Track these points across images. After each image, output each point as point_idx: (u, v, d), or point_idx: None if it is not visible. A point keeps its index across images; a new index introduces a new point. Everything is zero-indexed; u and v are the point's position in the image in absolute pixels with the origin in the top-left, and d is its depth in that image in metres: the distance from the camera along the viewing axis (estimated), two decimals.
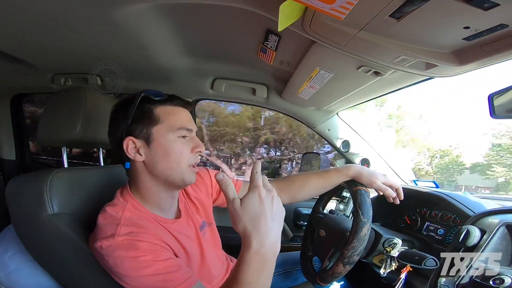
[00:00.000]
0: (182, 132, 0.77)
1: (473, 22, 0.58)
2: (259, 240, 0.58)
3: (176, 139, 0.76)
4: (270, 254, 0.60)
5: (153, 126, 0.76)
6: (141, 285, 0.66)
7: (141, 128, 0.75)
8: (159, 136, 0.76)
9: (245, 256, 0.59)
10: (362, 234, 0.81)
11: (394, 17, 0.62)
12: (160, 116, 0.76)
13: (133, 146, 0.75)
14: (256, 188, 0.61)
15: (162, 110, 0.77)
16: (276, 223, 0.61)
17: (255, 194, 0.60)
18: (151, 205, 0.78)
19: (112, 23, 0.94)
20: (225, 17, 0.98)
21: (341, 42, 0.78)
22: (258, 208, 0.59)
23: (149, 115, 0.76)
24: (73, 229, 0.77)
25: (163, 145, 0.75)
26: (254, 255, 0.59)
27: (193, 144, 0.79)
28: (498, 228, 0.77)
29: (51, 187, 0.77)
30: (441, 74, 0.80)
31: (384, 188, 0.94)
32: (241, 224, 0.60)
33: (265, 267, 0.60)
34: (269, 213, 0.60)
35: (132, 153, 0.75)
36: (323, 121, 1.66)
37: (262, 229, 0.59)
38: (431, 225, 1.06)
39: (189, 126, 0.78)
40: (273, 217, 0.60)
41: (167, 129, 0.76)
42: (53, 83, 1.66)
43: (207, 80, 1.62)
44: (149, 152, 0.76)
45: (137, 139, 0.75)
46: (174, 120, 0.77)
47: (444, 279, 0.78)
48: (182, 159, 0.77)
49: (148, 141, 0.76)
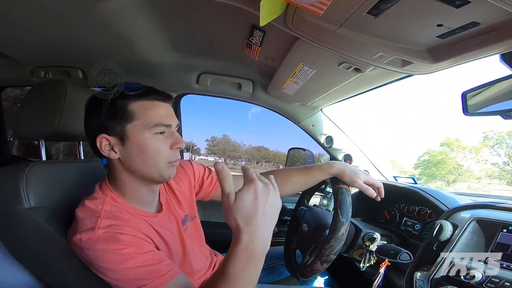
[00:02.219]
0: (159, 128, 0.73)
1: (445, 19, 0.60)
2: (249, 236, 0.57)
3: (152, 136, 0.73)
4: (259, 251, 0.59)
5: (127, 123, 0.72)
6: (123, 278, 0.65)
7: (114, 125, 0.72)
8: (134, 134, 0.72)
9: (234, 251, 0.58)
10: (340, 234, 0.82)
11: (371, 14, 0.64)
12: (135, 112, 0.72)
13: (107, 143, 0.73)
14: (252, 183, 0.58)
15: (137, 106, 0.73)
16: (269, 219, 0.59)
17: (250, 190, 0.57)
18: (131, 199, 0.77)
19: (95, 16, 0.92)
20: (210, 12, 0.97)
21: (322, 38, 0.79)
22: (252, 205, 0.57)
23: (122, 111, 0.72)
24: (50, 223, 0.75)
25: (138, 143, 0.72)
26: (243, 251, 0.57)
27: (172, 140, 0.76)
28: (469, 223, 0.79)
29: (28, 180, 0.75)
30: (417, 71, 0.83)
31: (365, 188, 0.95)
32: (233, 219, 0.58)
33: (253, 263, 0.59)
34: (262, 209, 0.57)
35: (106, 151, 0.73)
36: (307, 117, 1.68)
37: (254, 226, 0.57)
38: (408, 220, 1.09)
39: (167, 122, 0.75)
40: (266, 213, 0.58)
41: (143, 126, 0.72)
42: (33, 76, 1.61)
43: (192, 74, 1.61)
44: (124, 150, 0.73)
45: (111, 136, 0.72)
46: (151, 116, 0.73)
47: (420, 274, 0.81)
48: (159, 156, 0.74)
49: (122, 138, 0.72)
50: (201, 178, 1.01)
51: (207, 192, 1.03)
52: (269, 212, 0.59)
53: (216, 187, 1.03)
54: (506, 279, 0.64)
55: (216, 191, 1.03)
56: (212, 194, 1.04)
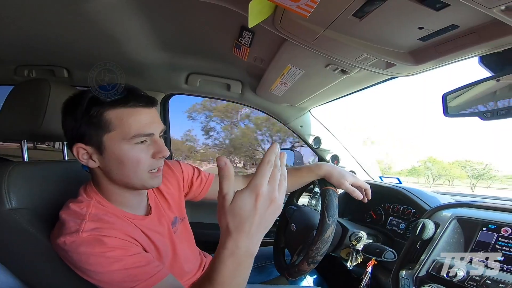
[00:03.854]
0: (138, 139, 0.68)
1: (426, 22, 0.62)
2: (236, 241, 0.52)
3: (131, 147, 0.68)
4: (245, 257, 0.53)
5: (104, 134, 0.67)
6: (109, 280, 0.64)
7: (90, 134, 0.67)
8: (110, 145, 0.67)
9: (220, 255, 0.53)
10: (326, 236, 0.83)
11: (357, 16, 0.65)
12: (112, 121, 0.66)
13: (84, 152, 0.69)
14: (255, 189, 0.50)
15: (114, 115, 0.67)
16: (263, 228, 0.52)
17: (252, 195, 0.50)
18: (117, 203, 0.75)
19: (81, 14, 0.91)
20: (200, 12, 0.97)
21: (309, 39, 0.80)
22: (248, 212, 0.50)
23: (98, 120, 0.66)
24: (33, 224, 0.73)
25: (116, 155, 0.68)
26: (229, 256, 0.53)
27: (154, 150, 0.71)
28: (450, 221, 0.81)
29: (10, 181, 0.74)
30: (400, 74, 0.85)
31: (352, 190, 0.97)
32: (225, 221, 0.51)
33: (239, 269, 0.54)
34: (258, 219, 0.50)
35: (84, 159, 0.69)
36: (296, 118, 1.69)
37: (244, 232, 0.51)
38: (394, 220, 1.11)
39: (148, 131, 0.69)
40: (261, 223, 0.51)
41: (120, 138, 0.67)
42: (16, 75, 1.57)
43: (181, 74, 1.60)
44: (102, 160, 0.69)
45: (88, 146, 0.68)
46: (129, 126, 0.67)
47: (405, 272, 0.82)
48: (140, 167, 0.70)
49: (99, 148, 0.68)
50: (190, 179, 1.00)
51: (196, 193, 1.02)
52: (264, 221, 0.52)
53: (206, 188, 1.02)
54: (487, 277, 0.66)
55: (206, 192, 1.03)
56: (202, 195, 1.03)
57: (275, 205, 0.51)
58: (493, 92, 0.72)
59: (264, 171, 0.50)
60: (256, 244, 0.54)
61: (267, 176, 0.50)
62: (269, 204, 0.51)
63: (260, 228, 0.52)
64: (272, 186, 0.51)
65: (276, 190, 0.51)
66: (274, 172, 0.51)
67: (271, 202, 0.51)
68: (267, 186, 0.50)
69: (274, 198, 0.51)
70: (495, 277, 0.65)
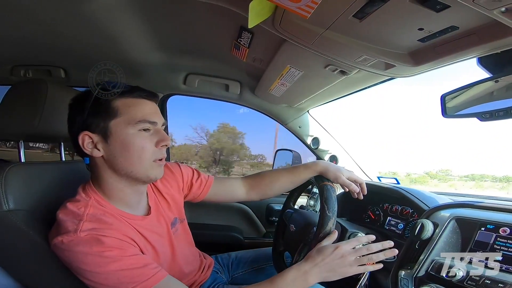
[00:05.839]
0: (143, 125, 0.72)
1: (426, 23, 0.62)
2: (305, 262, 0.77)
3: (136, 133, 0.72)
4: (301, 276, 0.75)
5: (111, 120, 0.71)
6: (105, 281, 0.63)
7: (97, 122, 0.71)
8: (117, 130, 0.71)
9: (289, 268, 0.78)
10: (328, 228, 0.83)
11: (357, 17, 0.65)
12: (119, 108, 0.71)
13: (89, 141, 0.71)
14: (340, 245, 0.77)
15: (121, 103, 0.72)
16: (326, 268, 0.75)
17: (334, 246, 0.77)
18: (116, 201, 0.75)
19: (79, 14, 0.90)
20: (199, 13, 0.97)
21: (309, 40, 0.81)
22: (325, 253, 0.76)
23: (106, 107, 0.71)
24: (30, 225, 0.73)
25: (121, 140, 0.71)
26: (292, 268, 0.77)
27: (157, 138, 0.74)
28: (449, 221, 0.81)
29: (6, 182, 0.73)
30: (399, 75, 0.85)
31: (348, 184, 0.98)
32: (313, 249, 0.80)
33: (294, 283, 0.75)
34: (328, 260, 0.75)
35: (89, 148, 0.71)
36: (294, 118, 1.69)
37: (314, 261, 0.76)
38: (392, 220, 1.11)
39: (152, 119, 0.74)
40: (327, 263, 0.75)
41: (126, 122, 0.71)
42: (12, 75, 1.56)
43: (179, 75, 1.60)
44: (107, 147, 0.71)
45: (94, 134, 0.71)
46: (135, 112, 0.72)
47: (404, 272, 0.82)
48: (144, 154, 0.72)
49: (105, 135, 0.71)
50: (190, 181, 1.00)
51: (196, 195, 1.02)
52: (329, 265, 0.75)
53: (206, 190, 1.02)
54: (486, 277, 0.66)
55: (206, 194, 1.02)
56: (202, 197, 1.03)
57: (343, 261, 0.75)
58: (491, 93, 0.72)
59: (353, 242, 0.78)
60: (313, 276, 0.75)
61: (352, 245, 0.77)
62: (339, 257, 0.75)
63: (325, 266, 0.75)
64: (352, 250, 0.76)
65: (352, 254, 0.75)
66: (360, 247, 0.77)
67: (342, 256, 0.75)
68: (349, 249, 0.76)
69: (346, 255, 0.75)
70: (494, 277, 0.65)
